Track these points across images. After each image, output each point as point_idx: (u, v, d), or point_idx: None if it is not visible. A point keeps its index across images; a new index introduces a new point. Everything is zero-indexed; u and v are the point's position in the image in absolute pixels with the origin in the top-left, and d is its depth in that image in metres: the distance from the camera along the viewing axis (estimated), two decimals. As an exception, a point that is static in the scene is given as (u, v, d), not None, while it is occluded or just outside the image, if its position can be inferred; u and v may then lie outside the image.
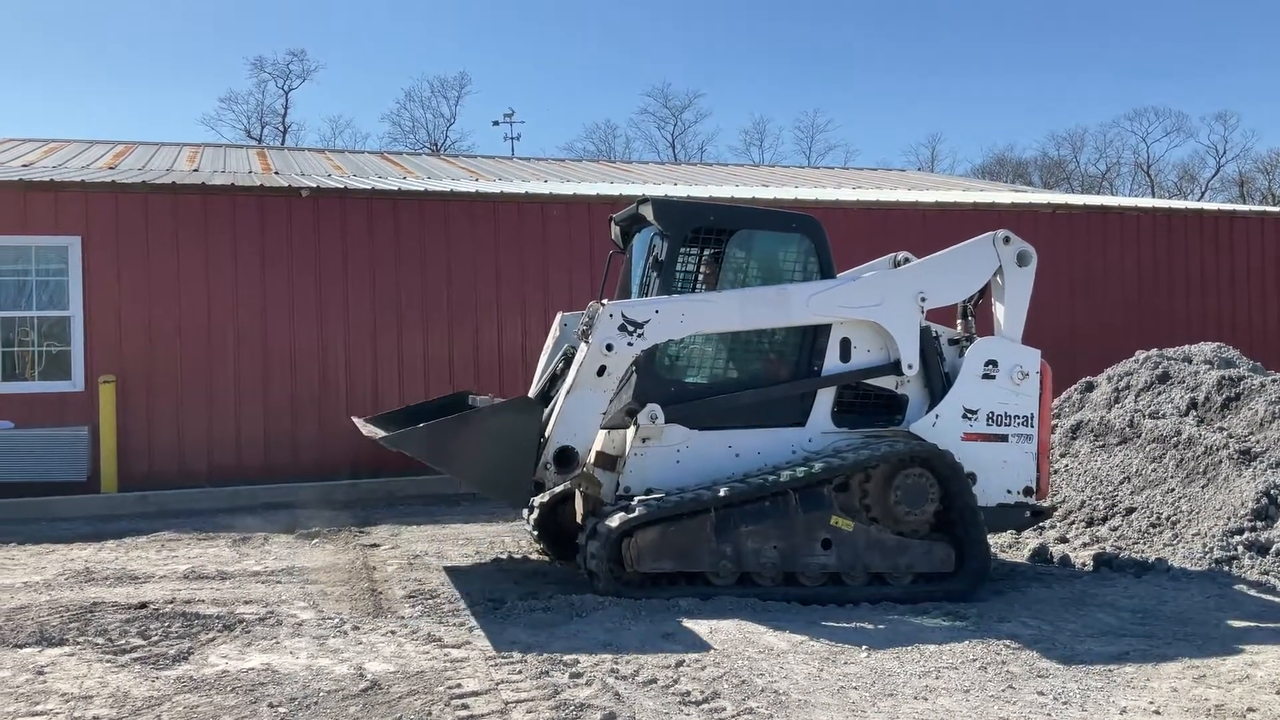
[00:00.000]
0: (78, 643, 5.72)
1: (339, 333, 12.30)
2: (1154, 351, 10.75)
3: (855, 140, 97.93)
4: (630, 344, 7.17)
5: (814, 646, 5.74)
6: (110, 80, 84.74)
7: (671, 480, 7.15)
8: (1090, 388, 10.84)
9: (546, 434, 7.13)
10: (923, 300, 7.66)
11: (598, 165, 24.26)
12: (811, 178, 21.22)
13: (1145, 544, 8.23)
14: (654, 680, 5.14)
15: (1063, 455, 9.82)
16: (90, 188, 11.90)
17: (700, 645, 5.71)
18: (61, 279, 11.69)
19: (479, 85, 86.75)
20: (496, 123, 63.28)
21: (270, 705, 4.76)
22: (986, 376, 7.66)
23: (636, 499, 6.91)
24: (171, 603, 6.62)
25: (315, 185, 12.94)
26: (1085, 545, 8.43)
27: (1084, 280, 15.15)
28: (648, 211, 7.72)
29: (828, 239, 7.88)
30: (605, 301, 7.34)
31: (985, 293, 8.07)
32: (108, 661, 5.40)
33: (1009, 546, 8.65)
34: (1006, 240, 7.89)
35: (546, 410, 7.35)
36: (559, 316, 8.64)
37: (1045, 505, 7.85)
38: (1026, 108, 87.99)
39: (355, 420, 9.12)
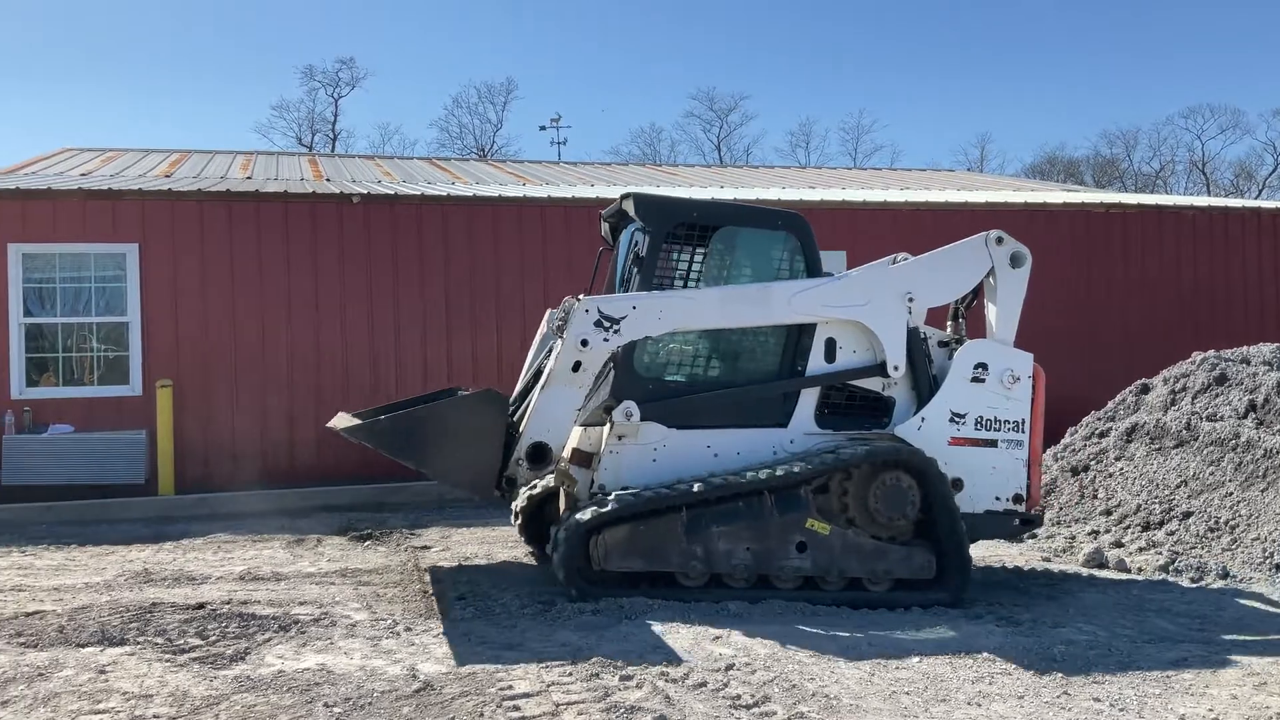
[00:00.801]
0: (138, 642, 5.84)
1: (389, 336, 12.44)
2: (1211, 353, 10.55)
3: (902, 141, 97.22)
4: (606, 340, 7.15)
5: (865, 652, 5.71)
6: (165, 90, 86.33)
7: (647, 479, 7.06)
8: (1145, 390, 10.67)
9: (521, 429, 7.15)
10: (910, 301, 7.50)
11: (644, 169, 24.31)
12: (858, 179, 21.10)
13: (1203, 549, 8.08)
14: (704, 684, 5.14)
15: (1118, 459, 9.67)
16: (147, 195, 12.14)
17: (750, 649, 5.69)
18: (119, 285, 11.93)
19: (525, 91, 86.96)
20: (543, 127, 63.58)
21: (325, 705, 4.83)
22: (976, 380, 7.48)
23: (609, 496, 6.85)
24: (228, 603, 6.73)
25: (366, 192, 13.09)
26: (1141, 550, 8.30)
27: (1139, 280, 14.92)
28: (629, 206, 7.67)
29: (814, 237, 7.75)
30: (581, 297, 7.29)
31: (981, 294, 7.85)
32: (167, 661, 5.50)
33: (1063, 551, 8.55)
34: (1000, 241, 7.71)
35: (524, 405, 7.35)
36: (549, 313, 8.47)
37: (1036, 514, 7.59)
38: (1078, 106, 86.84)
39: (341, 417, 8.98)
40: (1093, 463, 9.69)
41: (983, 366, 7.48)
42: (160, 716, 4.71)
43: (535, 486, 7.88)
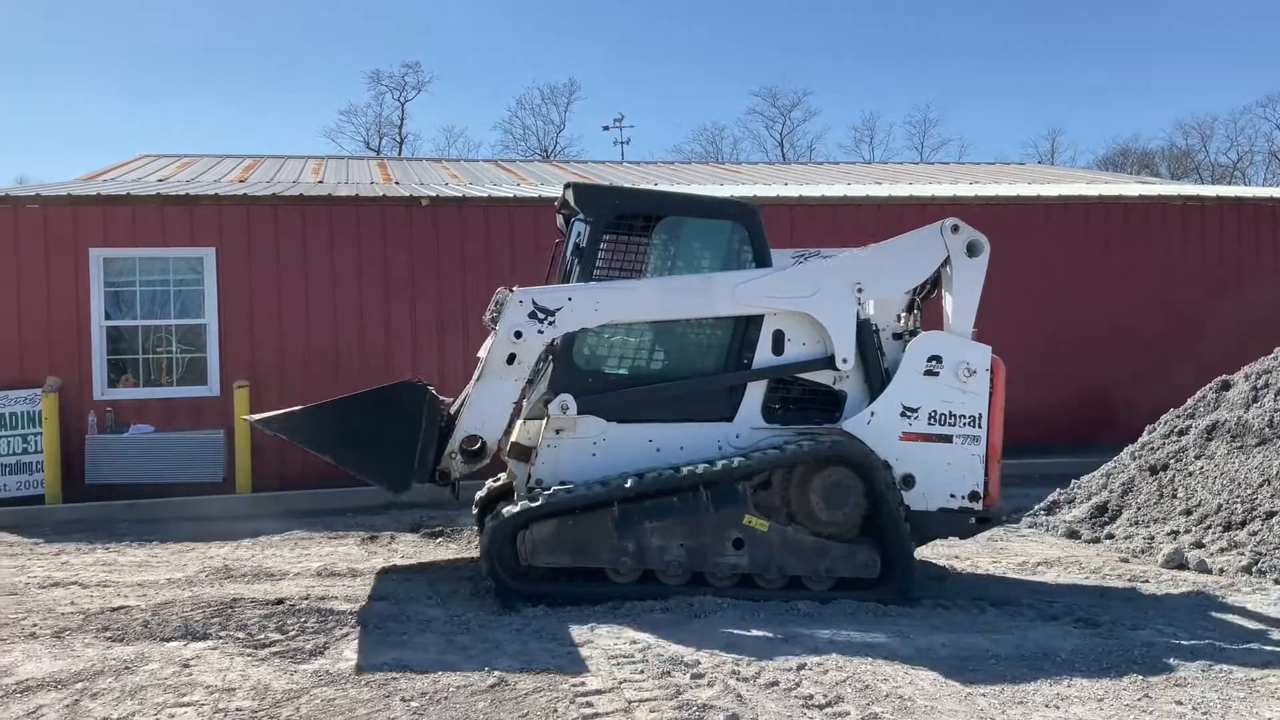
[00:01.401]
0: (220, 637, 5.99)
1: (458, 337, 12.56)
2: (1295, 348, 10.23)
3: (970, 135, 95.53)
4: (541, 331, 7.05)
5: (940, 653, 5.64)
6: (236, 96, 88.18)
7: (586, 473, 6.93)
8: (1226, 386, 10.37)
9: (457, 422, 7.10)
10: (859, 291, 7.27)
11: (706, 167, 24.26)
12: (926, 173, 20.85)
13: (1289, 550, 7.84)
14: (776, 683, 5.12)
15: (1198, 457, 9.43)
16: (223, 200, 12.42)
17: (822, 649, 5.65)
18: (197, 288, 12.23)
19: (588, 91, 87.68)
20: (606, 127, 63.71)
21: (402, 699, 4.91)
22: (929, 373, 7.20)
23: (546, 490, 6.78)
24: (306, 599, 6.86)
25: (434, 194, 13.26)
26: (1222, 550, 8.08)
27: (1217, 274, 14.54)
28: (570, 196, 7.57)
29: (763, 227, 7.58)
30: (515, 288, 7.19)
31: (939, 285, 7.61)
32: (248, 655, 5.63)
33: (1141, 552, 8.36)
34: (955, 229, 7.45)
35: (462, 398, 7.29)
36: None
37: (993, 512, 7.33)
38: (1151, 96, 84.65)
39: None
40: (1172, 461, 9.46)
41: (937, 359, 7.21)
42: (243, 710, 4.82)
43: (500, 479, 7.86)
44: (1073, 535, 9.12)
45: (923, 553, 8.37)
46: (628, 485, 6.67)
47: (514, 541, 6.68)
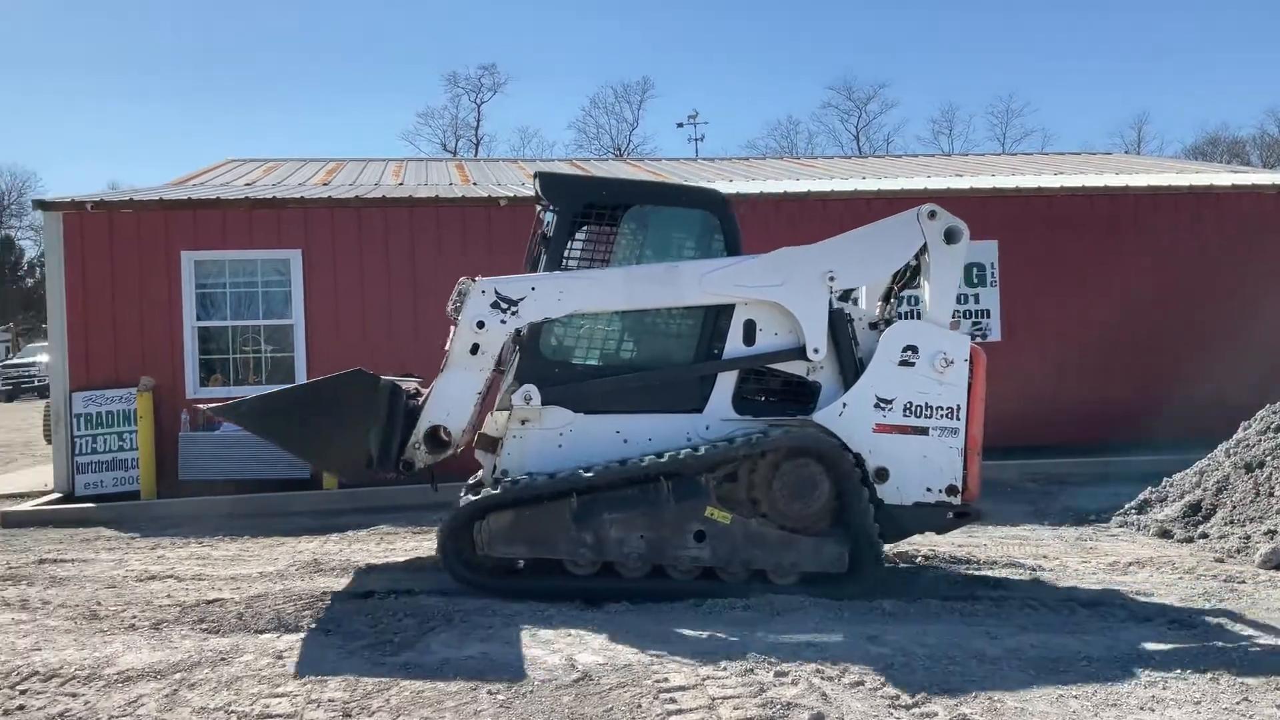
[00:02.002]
0: (311, 629, 6.12)
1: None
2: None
3: (1053, 124, 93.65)
4: (503, 321, 7.03)
5: (1029, 654, 5.53)
6: (317, 101, 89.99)
7: (552, 465, 6.89)
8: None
9: (422, 412, 7.11)
10: (831, 280, 7.10)
11: (781, 162, 24.09)
12: (1008, 164, 20.43)
13: (1397, 551, 7.53)
14: (861, 682, 5.08)
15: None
16: (308, 203, 12.71)
17: (908, 649, 5.58)
18: (284, 289, 12.53)
19: (661, 88, 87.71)
20: (681, 124, 64.01)
21: (489, 692, 4.97)
22: (904, 363, 7.00)
23: (507, 482, 6.76)
24: (393, 592, 6.97)
25: (513, 194, 13.38)
26: (1326, 551, 7.79)
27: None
28: (537, 186, 7.51)
29: (735, 215, 7.43)
30: (477, 278, 7.18)
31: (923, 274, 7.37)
32: (338, 647, 5.75)
33: (1237, 551, 8.09)
34: (932, 215, 7.19)
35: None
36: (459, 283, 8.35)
37: (972, 506, 7.13)
38: (1241, 83, 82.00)
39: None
40: (1269, 458, 9.14)
41: (912, 349, 7.01)
42: (334, 701, 4.92)
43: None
44: (1165, 534, 8.87)
45: (1010, 552, 8.26)
46: (586, 475, 6.63)
47: (470, 532, 6.70)
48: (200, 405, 8.04)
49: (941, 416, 7.04)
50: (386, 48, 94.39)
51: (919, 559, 7.99)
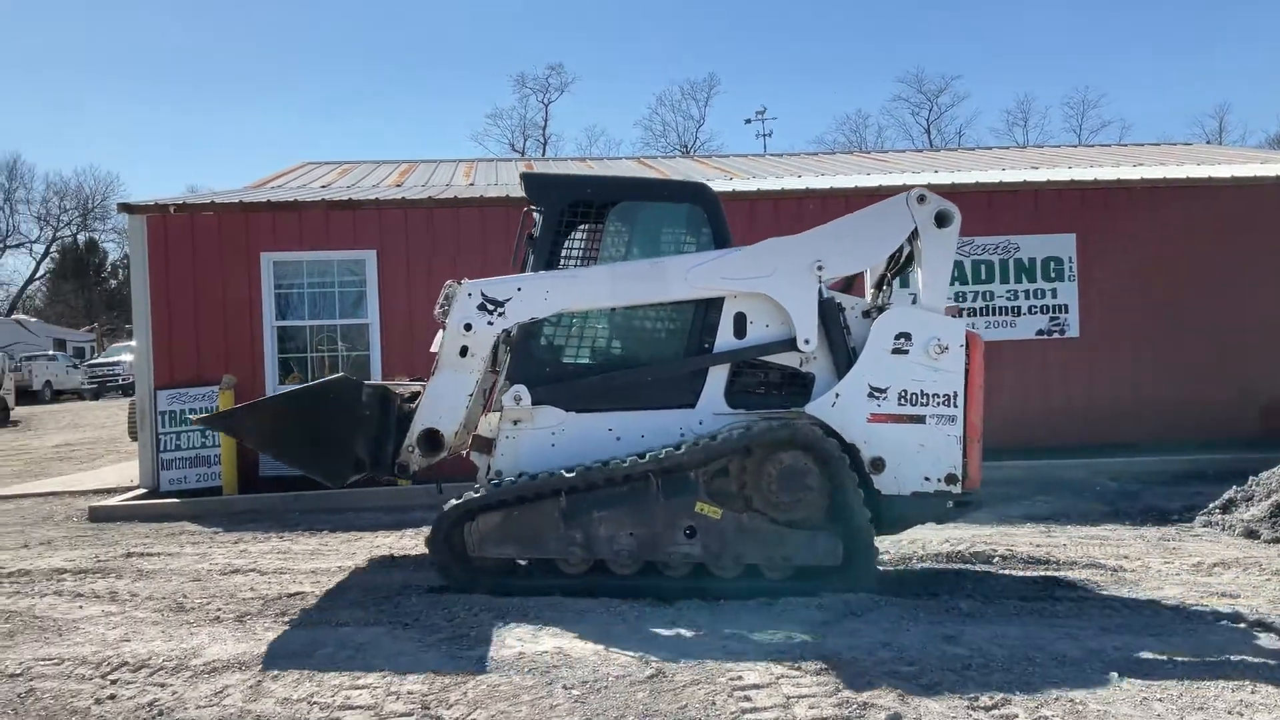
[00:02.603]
0: (390, 623, 6.23)
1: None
2: None
3: (1131, 115, 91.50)
4: (491, 323, 7.02)
5: (1111, 655, 5.42)
6: (389, 104, 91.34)
7: (546, 464, 6.85)
8: None
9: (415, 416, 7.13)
10: (820, 270, 7.00)
11: (851, 157, 23.88)
12: (1086, 156, 20.01)
13: None
14: (938, 683, 5.01)
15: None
16: (383, 205, 12.91)
17: (986, 650, 5.50)
18: (360, 289, 12.75)
19: (729, 85, 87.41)
20: (749, 120, 63.86)
21: (564, 687, 5.01)
22: (898, 351, 6.88)
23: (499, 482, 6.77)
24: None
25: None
26: None
27: None
28: (522, 186, 7.46)
29: (722, 208, 7.33)
30: (463, 281, 7.18)
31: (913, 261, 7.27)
32: (416, 641, 5.84)
33: (1330, 553, 7.84)
34: (922, 199, 7.06)
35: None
36: (445, 287, 8.22)
37: (973, 495, 6.99)
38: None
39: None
40: (1364, 457, 8.86)
41: (905, 336, 6.88)
42: (414, 693, 5.00)
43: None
44: (1251, 535, 8.62)
45: (1090, 552, 8.10)
46: (570, 475, 6.60)
47: (461, 533, 6.72)
48: (191, 418, 8.09)
49: (938, 404, 6.90)
50: (455, 51, 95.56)
51: (996, 559, 7.88)
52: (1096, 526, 9.35)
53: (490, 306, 7.06)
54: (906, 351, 6.92)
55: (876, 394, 6.90)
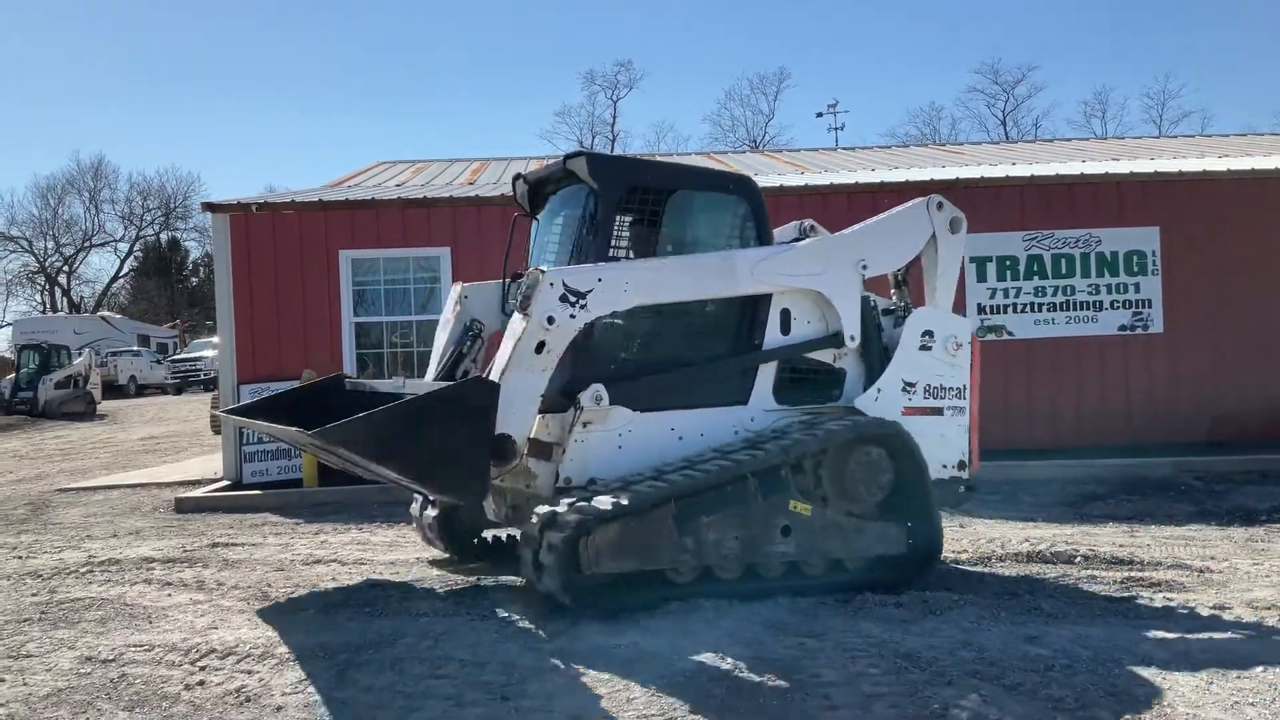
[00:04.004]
0: (467, 614, 6.31)
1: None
2: None
3: (1213, 106, 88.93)
4: (573, 316, 6.44)
5: (1199, 658, 5.28)
6: (459, 103, 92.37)
7: (614, 468, 6.55)
8: None
9: None
10: (864, 268, 7.26)
11: (926, 150, 23.55)
12: (1167, 148, 19.49)
13: None
14: (1020, 684, 4.93)
15: None
16: (457, 203, 13.06)
17: (1069, 651, 5.40)
18: (434, 286, 12.93)
19: (799, 78, 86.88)
20: (820, 114, 63.00)
21: (641, 682, 5.03)
22: (924, 348, 7.33)
23: (594, 491, 6.27)
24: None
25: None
26: None
27: None
28: (579, 167, 6.96)
29: (764, 200, 7.32)
30: (545, 268, 6.53)
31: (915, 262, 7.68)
32: (495, 632, 5.92)
33: None
34: (940, 206, 7.51)
35: None
36: (457, 288, 7.89)
37: (975, 480, 7.51)
38: None
39: (220, 412, 9.00)
40: None
41: (929, 334, 7.35)
42: (492, 684, 5.06)
43: None
44: (1348, 537, 8.34)
45: (1175, 553, 7.92)
46: (694, 478, 6.30)
47: (575, 548, 5.98)
48: (299, 431, 6.28)
49: (953, 396, 7.40)
50: (524, 49, 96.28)
51: (1078, 559, 7.73)
52: (1181, 526, 9.12)
53: (572, 298, 6.46)
54: (930, 348, 7.38)
55: (909, 389, 7.29)
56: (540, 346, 6.41)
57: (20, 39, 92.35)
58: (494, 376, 6.38)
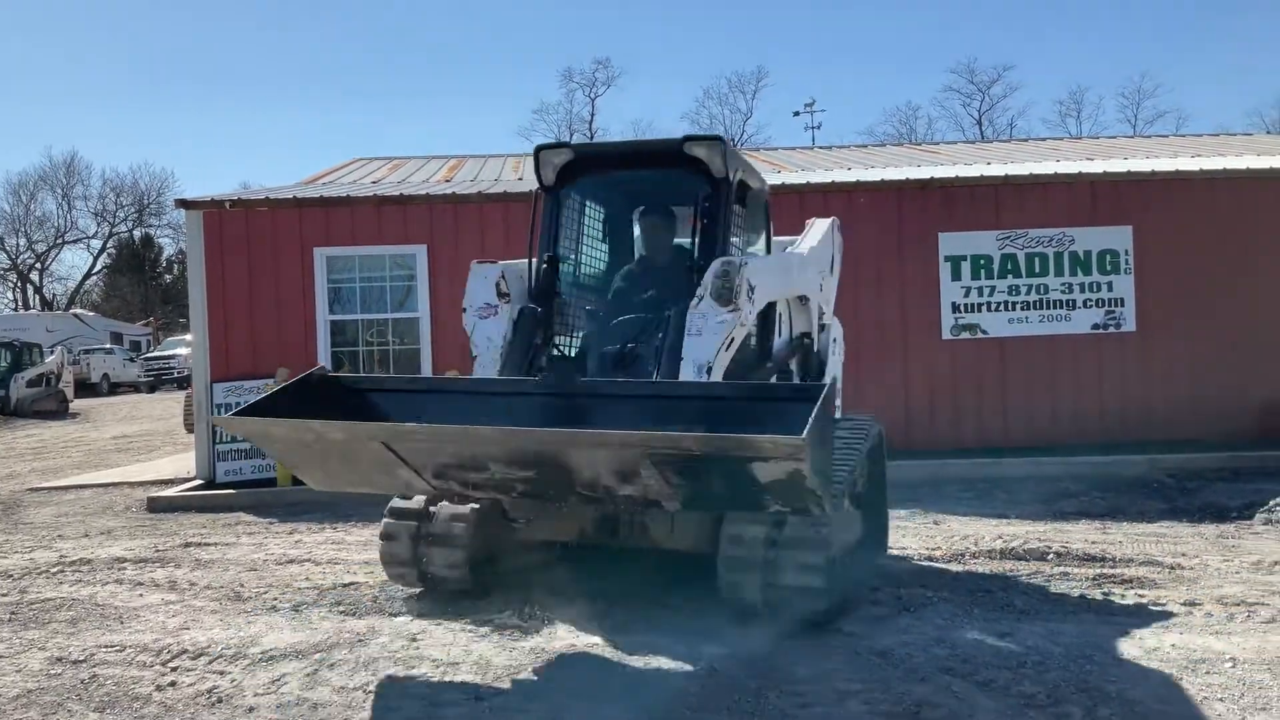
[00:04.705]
0: (443, 614, 6.26)
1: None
2: None
3: (1188, 105, 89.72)
4: (751, 313, 5.94)
5: (1170, 654, 5.33)
6: (435, 100, 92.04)
7: None
8: None
9: None
10: (822, 277, 7.87)
11: (902, 149, 23.63)
12: (1141, 148, 19.63)
13: None
14: (992, 681, 4.96)
15: None
16: (433, 200, 13.00)
17: (1041, 647, 5.44)
18: (410, 284, 12.87)
19: (776, 77, 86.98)
20: (797, 113, 63.36)
21: (616, 680, 5.03)
22: (834, 351, 8.19)
23: None
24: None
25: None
26: None
27: None
28: (702, 151, 6.20)
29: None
30: (740, 259, 5.96)
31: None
32: (470, 632, 5.89)
33: (1397, 553, 7.65)
34: (841, 228, 8.49)
35: None
36: (486, 268, 6.64)
37: None
38: (1398, 53, 77.00)
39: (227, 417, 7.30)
40: None
41: (835, 339, 8.23)
42: (467, 683, 5.05)
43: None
44: (1315, 534, 8.44)
45: (1147, 550, 7.98)
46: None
47: None
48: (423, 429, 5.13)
49: (838, 393, 7.88)
50: (502, 46, 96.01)
51: (1050, 556, 7.77)
52: (1154, 524, 9.19)
53: (750, 291, 5.81)
54: (835, 351, 8.25)
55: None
56: (730, 344, 5.75)
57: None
58: (715, 370, 5.60)
